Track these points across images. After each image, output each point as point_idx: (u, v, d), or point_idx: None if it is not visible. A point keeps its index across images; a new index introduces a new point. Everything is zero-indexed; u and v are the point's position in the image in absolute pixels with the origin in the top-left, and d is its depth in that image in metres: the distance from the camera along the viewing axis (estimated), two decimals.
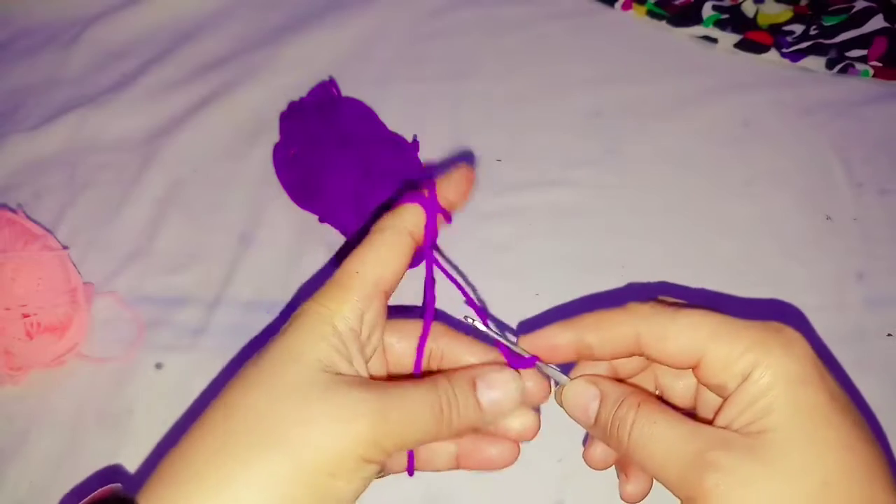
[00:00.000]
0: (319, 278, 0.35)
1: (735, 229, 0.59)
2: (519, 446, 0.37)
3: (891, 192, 0.61)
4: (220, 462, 0.28)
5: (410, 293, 0.38)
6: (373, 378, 0.33)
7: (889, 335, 0.54)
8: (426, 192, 0.35)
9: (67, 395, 0.53)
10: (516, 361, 0.35)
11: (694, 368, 0.32)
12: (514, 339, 0.36)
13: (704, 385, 0.33)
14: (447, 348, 0.37)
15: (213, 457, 0.29)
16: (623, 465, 0.37)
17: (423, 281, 0.36)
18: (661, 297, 0.35)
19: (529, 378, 0.35)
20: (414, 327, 0.36)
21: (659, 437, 0.31)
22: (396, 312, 0.36)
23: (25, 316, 0.52)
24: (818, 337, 0.53)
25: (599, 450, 0.36)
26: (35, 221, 0.58)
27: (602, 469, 0.37)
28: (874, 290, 0.56)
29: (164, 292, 0.58)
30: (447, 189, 0.36)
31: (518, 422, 0.36)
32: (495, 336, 0.35)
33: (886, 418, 0.48)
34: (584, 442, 0.38)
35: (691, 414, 0.34)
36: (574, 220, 0.61)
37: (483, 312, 0.36)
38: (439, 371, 0.36)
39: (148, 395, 0.53)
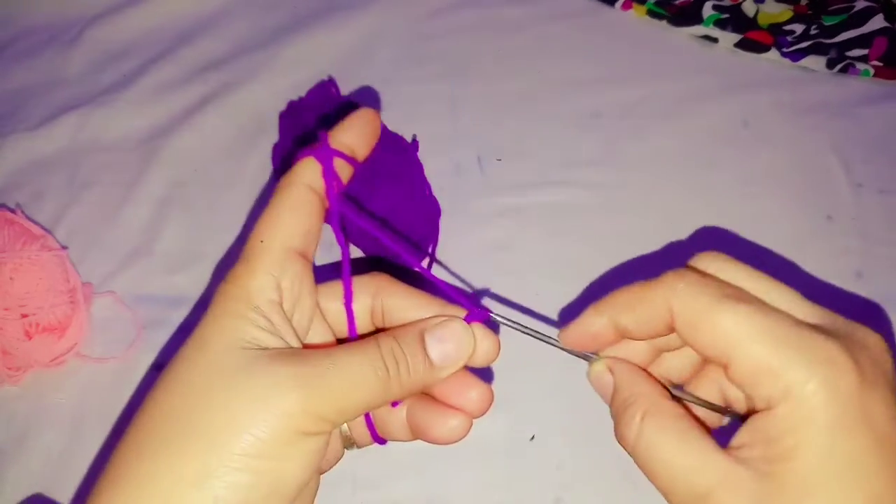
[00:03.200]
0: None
1: (735, 229, 0.59)
2: (472, 420, 0.34)
3: (890, 191, 0.61)
4: (145, 462, 0.27)
5: None
6: (309, 346, 0.31)
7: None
8: (318, 142, 0.32)
9: (67, 395, 0.53)
10: (469, 314, 0.33)
11: (724, 366, 0.29)
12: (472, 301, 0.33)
13: (733, 383, 0.30)
14: (390, 303, 0.34)
15: (136, 459, 0.27)
16: None
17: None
18: (699, 261, 0.31)
19: (481, 335, 0.33)
20: (354, 286, 0.34)
21: (665, 461, 0.28)
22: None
23: (24, 316, 0.52)
24: None
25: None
26: (34, 221, 0.58)
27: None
28: (874, 290, 0.56)
29: (164, 292, 0.58)
30: (346, 135, 0.33)
31: (474, 393, 0.33)
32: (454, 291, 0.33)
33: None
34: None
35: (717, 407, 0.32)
36: (574, 220, 0.61)
37: (426, 269, 0.34)
38: (385, 329, 0.34)
39: (147, 397, 0.53)
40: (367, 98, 0.67)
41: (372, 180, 0.58)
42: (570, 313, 0.51)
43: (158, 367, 0.54)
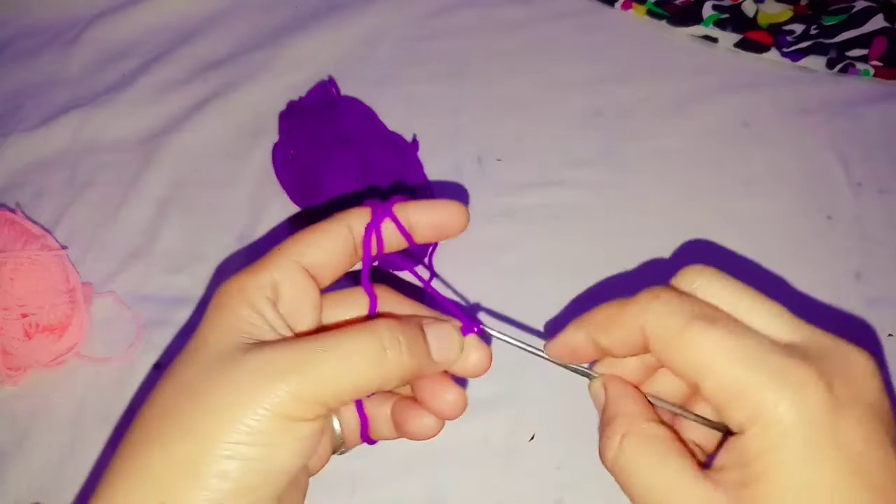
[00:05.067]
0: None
1: (735, 229, 0.59)
2: (443, 421, 0.34)
3: (890, 191, 0.61)
4: (142, 457, 0.28)
5: None
6: (302, 335, 0.31)
7: (889, 335, 0.54)
8: (388, 202, 0.33)
9: (67, 395, 0.53)
10: (464, 326, 0.33)
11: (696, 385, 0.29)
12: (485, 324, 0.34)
13: (707, 401, 0.30)
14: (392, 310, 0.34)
15: (133, 455, 0.28)
16: None
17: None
18: (681, 278, 0.31)
19: (474, 345, 0.33)
20: (353, 298, 0.34)
21: (642, 483, 0.29)
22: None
23: (24, 316, 0.52)
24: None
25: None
26: (34, 221, 0.59)
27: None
28: (873, 290, 0.56)
29: (164, 292, 0.58)
30: (416, 212, 0.33)
31: (450, 396, 0.33)
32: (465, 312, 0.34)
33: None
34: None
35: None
36: (574, 220, 0.61)
37: (429, 284, 0.35)
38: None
39: (147, 396, 0.53)
40: (367, 98, 0.67)
41: (371, 179, 0.58)
42: (571, 314, 0.51)
43: (159, 367, 0.54)
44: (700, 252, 0.58)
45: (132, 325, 0.56)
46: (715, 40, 0.71)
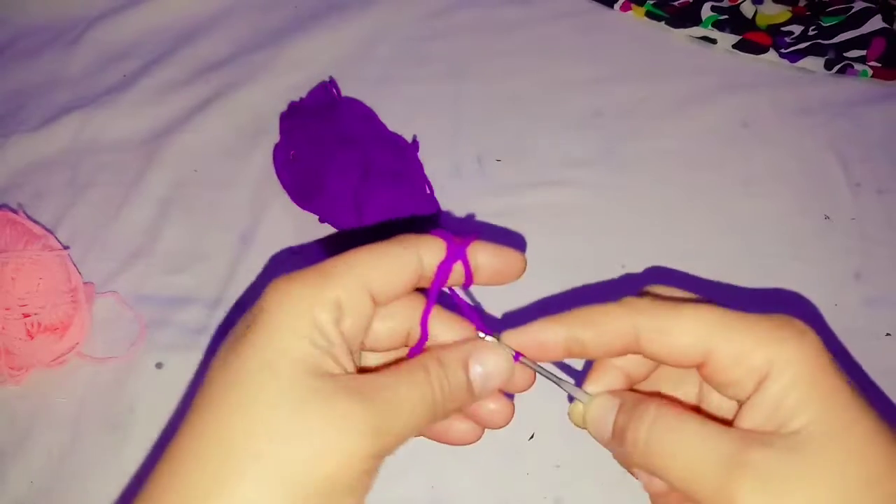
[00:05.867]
0: None
1: (734, 229, 0.60)
2: (483, 428, 0.35)
3: (889, 191, 0.61)
4: (195, 492, 0.26)
5: None
6: (360, 371, 0.30)
7: (888, 335, 0.54)
8: (461, 240, 0.33)
9: (68, 394, 0.53)
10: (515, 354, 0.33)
11: (700, 367, 0.30)
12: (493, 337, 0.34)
13: (712, 384, 0.31)
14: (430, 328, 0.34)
15: (187, 487, 0.26)
16: None
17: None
18: (651, 289, 0.33)
19: (520, 370, 0.33)
20: (394, 307, 0.33)
21: (682, 439, 0.29)
22: None
23: (26, 316, 0.52)
24: (828, 329, 0.54)
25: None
26: (36, 221, 0.59)
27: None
28: (873, 290, 0.56)
29: (165, 292, 0.58)
30: (485, 255, 0.33)
31: (493, 405, 0.34)
32: (494, 336, 0.33)
33: (887, 419, 0.48)
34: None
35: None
36: (574, 220, 0.61)
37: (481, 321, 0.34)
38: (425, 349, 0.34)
39: (148, 395, 0.53)
40: (367, 98, 0.67)
41: (371, 180, 0.59)
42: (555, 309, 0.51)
43: (160, 367, 0.54)
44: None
45: (133, 325, 0.56)
46: (714, 41, 0.72)
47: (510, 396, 0.35)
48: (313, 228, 0.60)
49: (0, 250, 0.53)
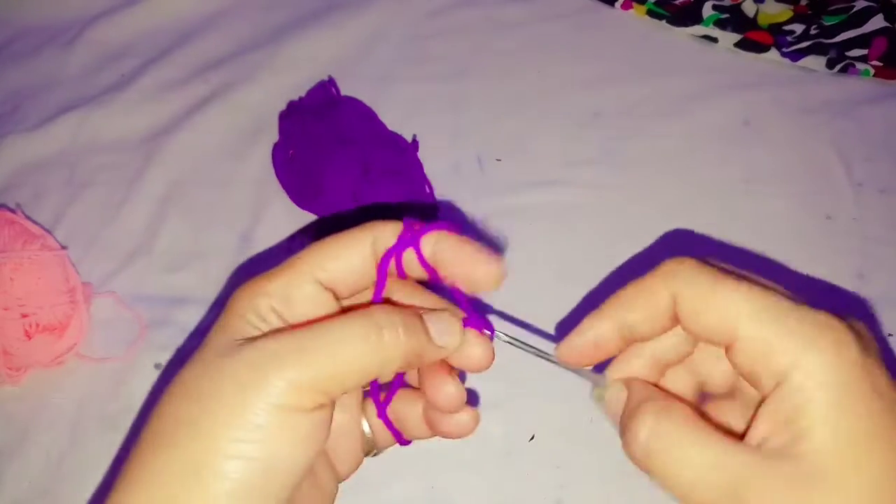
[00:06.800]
0: None
1: (736, 228, 0.59)
2: (478, 414, 0.34)
3: (891, 191, 0.61)
4: (148, 463, 0.27)
5: None
6: (296, 326, 0.30)
7: (889, 335, 0.54)
8: (417, 227, 0.31)
9: (67, 394, 0.53)
10: (471, 322, 0.32)
11: (727, 348, 0.29)
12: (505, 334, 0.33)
13: (736, 369, 0.29)
14: (400, 298, 0.33)
15: (141, 461, 0.28)
16: None
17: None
18: (708, 259, 0.30)
19: (477, 341, 0.32)
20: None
21: (683, 454, 0.27)
22: None
23: (24, 316, 0.52)
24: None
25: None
26: (34, 221, 0.58)
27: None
28: (874, 290, 0.56)
29: (164, 292, 0.58)
30: (452, 248, 0.31)
31: (465, 416, 0.33)
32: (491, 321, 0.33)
33: None
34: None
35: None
36: (574, 220, 0.61)
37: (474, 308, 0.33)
38: None
39: (147, 396, 0.53)
40: (367, 98, 0.67)
41: (371, 179, 0.58)
42: (573, 317, 0.51)
43: (159, 367, 0.54)
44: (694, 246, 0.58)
45: (132, 325, 0.56)
46: (715, 40, 0.71)
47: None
48: None
49: None
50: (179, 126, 0.67)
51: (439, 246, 0.31)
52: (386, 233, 0.31)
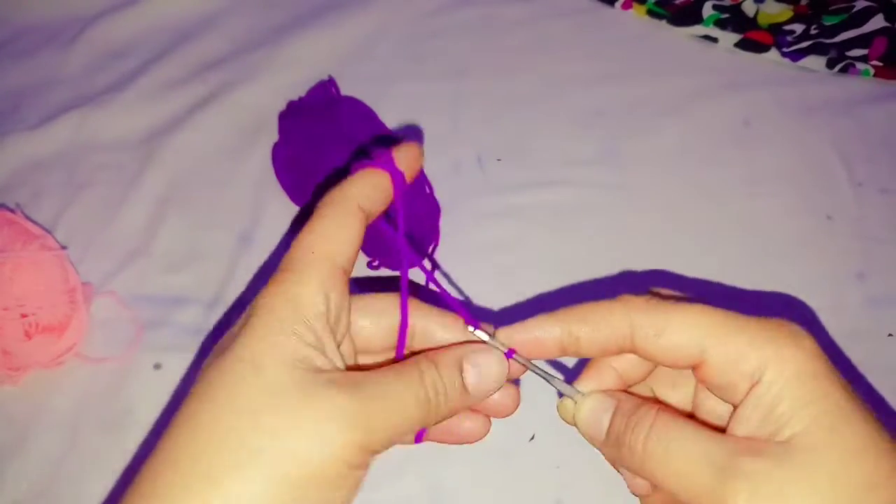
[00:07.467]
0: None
1: (735, 228, 0.59)
2: (490, 420, 0.35)
3: (891, 191, 0.61)
4: (190, 487, 0.26)
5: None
6: (349, 368, 0.30)
7: (889, 335, 0.54)
8: (380, 157, 0.32)
9: (66, 395, 0.53)
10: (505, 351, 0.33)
11: (695, 368, 0.30)
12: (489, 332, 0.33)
13: (706, 386, 0.31)
14: (419, 324, 0.34)
15: (181, 482, 0.26)
16: None
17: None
18: (655, 290, 0.33)
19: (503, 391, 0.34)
20: (382, 305, 0.34)
21: (679, 447, 0.29)
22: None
23: (24, 316, 0.52)
24: (825, 332, 0.53)
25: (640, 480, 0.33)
26: (34, 221, 0.58)
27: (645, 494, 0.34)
28: (874, 290, 0.56)
29: (164, 292, 0.58)
30: (400, 158, 0.33)
31: (499, 396, 0.34)
32: (487, 335, 0.33)
33: (887, 419, 0.48)
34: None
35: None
36: (574, 220, 0.61)
37: (462, 307, 0.34)
38: (417, 351, 0.34)
39: (147, 396, 0.53)
40: (367, 97, 0.67)
41: None
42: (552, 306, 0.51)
43: (158, 367, 0.54)
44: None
45: (131, 325, 0.56)
46: (715, 40, 0.71)
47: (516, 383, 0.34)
48: None
49: None
50: (179, 126, 0.67)
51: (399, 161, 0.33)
52: (360, 186, 0.32)
